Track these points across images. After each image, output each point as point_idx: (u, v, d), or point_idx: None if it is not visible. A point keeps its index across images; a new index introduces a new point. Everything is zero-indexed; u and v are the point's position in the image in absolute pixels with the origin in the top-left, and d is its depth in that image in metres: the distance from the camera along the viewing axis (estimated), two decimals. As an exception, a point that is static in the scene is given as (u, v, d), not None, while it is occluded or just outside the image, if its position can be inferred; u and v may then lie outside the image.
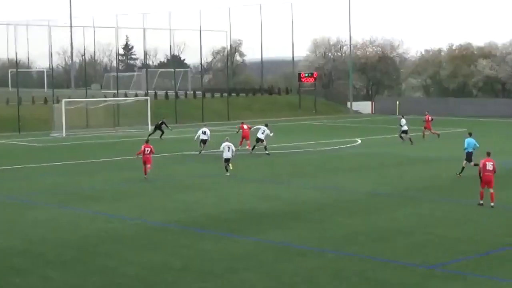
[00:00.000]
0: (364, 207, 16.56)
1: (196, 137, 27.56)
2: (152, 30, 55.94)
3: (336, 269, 11.12)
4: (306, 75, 57.09)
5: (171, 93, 50.33)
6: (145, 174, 20.59)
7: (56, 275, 10.82)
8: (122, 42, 72.35)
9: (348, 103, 58.96)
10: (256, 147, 27.57)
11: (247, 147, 27.81)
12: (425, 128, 33.40)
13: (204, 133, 27.09)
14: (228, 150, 21.68)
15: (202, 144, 26.96)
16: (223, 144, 21.84)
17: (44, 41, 54.75)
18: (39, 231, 13.88)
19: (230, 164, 21.80)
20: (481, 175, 15.69)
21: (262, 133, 27.07)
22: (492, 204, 15.51)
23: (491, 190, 15.51)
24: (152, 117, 38.97)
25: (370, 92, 68.12)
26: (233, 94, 54.74)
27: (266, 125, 27.81)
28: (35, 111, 42.59)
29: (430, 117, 33.59)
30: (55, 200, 17.93)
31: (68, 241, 13.00)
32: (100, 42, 67.18)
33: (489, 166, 15.52)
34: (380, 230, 13.89)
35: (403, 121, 31.51)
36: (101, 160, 26.90)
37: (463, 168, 20.11)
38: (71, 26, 51.09)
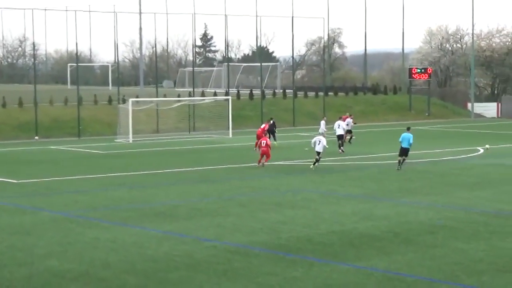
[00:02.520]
0: (487, 230, 15.84)
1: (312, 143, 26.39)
2: (235, 17, 56.01)
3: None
4: (419, 70, 54.08)
5: (256, 91, 48.87)
6: (259, 163, 25.51)
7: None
8: (200, 32, 70.60)
9: (469, 105, 55.68)
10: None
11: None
12: None
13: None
14: (318, 144, 24.99)
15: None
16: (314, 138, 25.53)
17: (109, 31, 60.69)
18: (100, 253, 13.60)
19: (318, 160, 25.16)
20: None
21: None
22: None
23: None
24: (233, 120, 39.30)
25: (495, 92, 64.78)
26: (330, 93, 52.88)
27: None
28: (98, 113, 42.75)
29: None
30: (119, 218, 17.54)
31: (134, 265, 12.65)
32: (174, 31, 68.19)
33: None
34: (507, 258, 13.11)
35: None
36: (173, 170, 26.50)
37: None
38: (140, 13, 50.89)
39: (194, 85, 49.13)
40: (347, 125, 30.94)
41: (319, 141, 24.77)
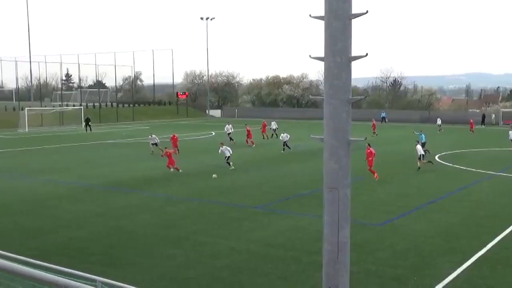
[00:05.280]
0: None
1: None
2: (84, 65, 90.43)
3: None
4: (182, 93, 71.30)
5: (97, 104, 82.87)
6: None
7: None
8: (64, 72, 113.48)
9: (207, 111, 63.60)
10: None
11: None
12: None
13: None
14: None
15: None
16: None
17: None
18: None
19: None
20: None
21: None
22: None
23: None
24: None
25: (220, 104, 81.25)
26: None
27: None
28: (6, 116, 68.03)
29: None
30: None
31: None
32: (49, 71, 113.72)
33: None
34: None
35: None
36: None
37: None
38: (30, 62, 76.57)
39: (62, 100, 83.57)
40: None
41: None
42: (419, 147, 30.99)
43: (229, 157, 30.36)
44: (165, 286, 11.99)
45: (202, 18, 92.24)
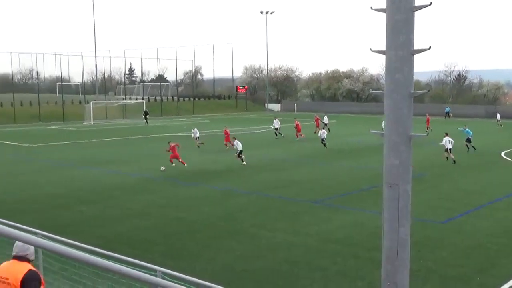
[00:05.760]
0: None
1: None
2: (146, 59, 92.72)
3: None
4: (241, 87, 68.88)
5: (158, 98, 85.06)
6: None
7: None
8: (127, 66, 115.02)
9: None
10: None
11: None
12: None
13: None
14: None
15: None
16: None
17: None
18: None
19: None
20: None
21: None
22: None
23: None
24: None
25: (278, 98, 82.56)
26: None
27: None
28: (73, 109, 70.33)
29: None
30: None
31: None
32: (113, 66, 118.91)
33: None
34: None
35: None
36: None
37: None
38: (95, 56, 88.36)
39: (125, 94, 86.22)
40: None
41: None
42: (446, 139, 29.95)
43: (241, 151, 30.24)
44: (224, 278, 12.14)
45: (262, 12, 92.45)
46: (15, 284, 5.55)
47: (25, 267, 5.67)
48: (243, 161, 29.76)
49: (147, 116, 64.54)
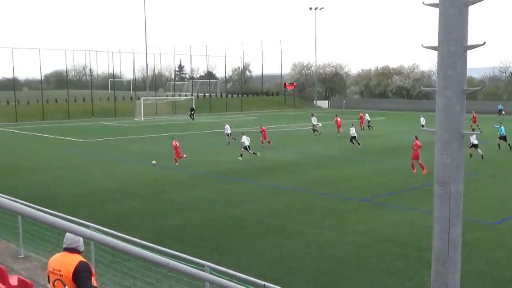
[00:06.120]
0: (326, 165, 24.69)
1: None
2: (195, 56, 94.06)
3: None
4: (289, 83, 52.95)
5: (207, 94, 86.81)
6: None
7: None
8: (177, 63, 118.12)
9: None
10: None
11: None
12: None
13: None
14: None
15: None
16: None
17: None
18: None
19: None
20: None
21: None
22: None
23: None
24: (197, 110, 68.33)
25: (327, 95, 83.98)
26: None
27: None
28: (124, 105, 72.07)
29: None
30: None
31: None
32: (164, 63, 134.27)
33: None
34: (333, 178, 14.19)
35: None
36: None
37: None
38: (146, 54, 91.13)
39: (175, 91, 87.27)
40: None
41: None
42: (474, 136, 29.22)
43: (248, 146, 30.86)
44: (270, 274, 12.16)
45: (311, 8, 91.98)
46: (67, 276, 5.70)
47: (76, 258, 5.81)
48: (240, 156, 30.51)
49: (193, 112, 65.39)
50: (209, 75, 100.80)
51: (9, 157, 32.61)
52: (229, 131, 39.04)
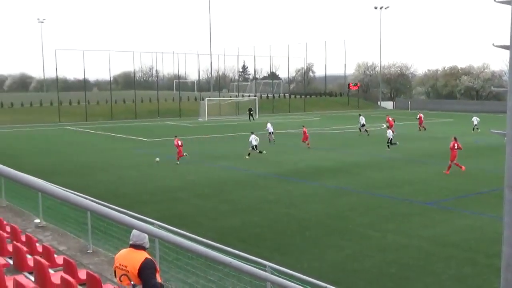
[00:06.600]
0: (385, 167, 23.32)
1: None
2: (259, 57, 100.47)
3: None
4: (353, 84, 52.60)
5: (270, 95, 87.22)
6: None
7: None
8: (241, 64, 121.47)
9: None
10: None
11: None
12: None
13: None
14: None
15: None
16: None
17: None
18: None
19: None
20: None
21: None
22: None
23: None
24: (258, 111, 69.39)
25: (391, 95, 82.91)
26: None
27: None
28: (189, 106, 74.62)
29: None
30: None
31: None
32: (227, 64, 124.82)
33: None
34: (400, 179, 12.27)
35: None
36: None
37: None
38: (210, 55, 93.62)
39: (238, 91, 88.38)
40: None
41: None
42: None
43: (256, 145, 31.58)
44: (332, 276, 12.07)
45: (376, 8, 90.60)
46: (133, 272, 5.87)
47: (142, 255, 5.97)
48: (248, 155, 31.48)
49: (252, 113, 65.80)
50: (273, 75, 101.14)
51: (80, 156, 33.90)
52: (271, 130, 39.60)
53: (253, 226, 16.63)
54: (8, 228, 12.22)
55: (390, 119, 45.40)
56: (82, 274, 8.56)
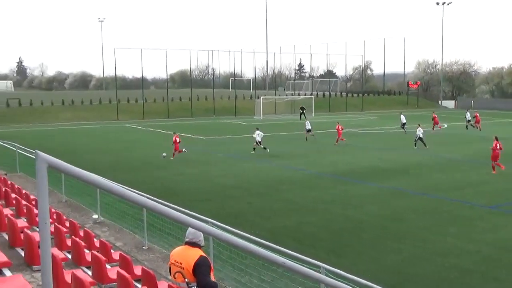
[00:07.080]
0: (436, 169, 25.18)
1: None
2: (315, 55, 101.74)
3: None
4: (413, 82, 48.26)
5: (326, 93, 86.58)
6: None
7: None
8: (297, 62, 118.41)
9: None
10: None
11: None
12: None
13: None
14: None
15: None
16: None
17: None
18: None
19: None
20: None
21: None
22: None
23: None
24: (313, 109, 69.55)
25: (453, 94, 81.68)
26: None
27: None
28: (244, 104, 75.17)
29: None
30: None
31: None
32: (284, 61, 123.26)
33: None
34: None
35: None
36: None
37: None
38: (267, 53, 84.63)
39: (294, 89, 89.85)
40: None
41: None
42: None
43: (260, 141, 32.62)
44: (389, 280, 11.86)
45: (437, 3, 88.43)
46: (188, 269, 5.94)
47: (197, 253, 6.04)
48: (253, 150, 32.82)
49: (304, 111, 65.25)
50: (329, 73, 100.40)
51: (138, 152, 34.69)
52: (308, 127, 40.30)
53: (308, 227, 16.56)
54: (67, 223, 12.63)
55: (436, 116, 45.17)
56: (138, 270, 8.74)
